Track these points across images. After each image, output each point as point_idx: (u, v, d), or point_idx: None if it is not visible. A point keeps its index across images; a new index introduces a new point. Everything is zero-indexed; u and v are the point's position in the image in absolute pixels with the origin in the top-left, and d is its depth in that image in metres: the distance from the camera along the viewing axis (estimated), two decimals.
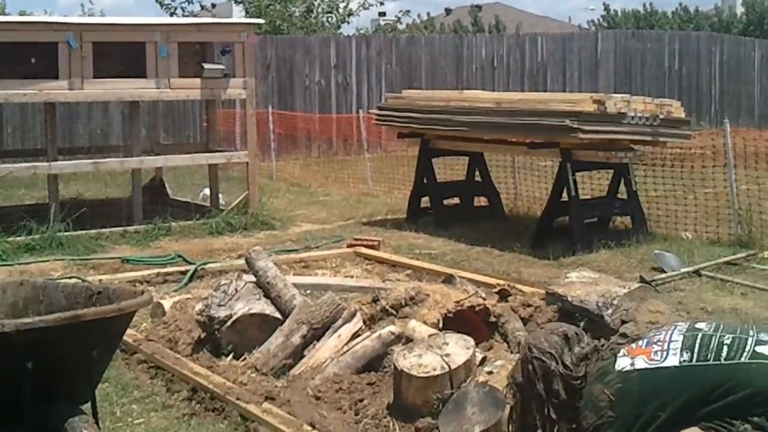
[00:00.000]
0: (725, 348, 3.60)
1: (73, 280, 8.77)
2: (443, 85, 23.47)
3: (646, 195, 12.20)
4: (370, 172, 16.62)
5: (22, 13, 31.92)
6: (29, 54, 11.93)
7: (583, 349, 3.97)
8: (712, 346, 3.63)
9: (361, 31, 30.42)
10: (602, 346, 3.99)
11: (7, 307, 5.28)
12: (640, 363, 3.71)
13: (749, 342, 3.62)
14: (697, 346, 3.65)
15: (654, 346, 3.75)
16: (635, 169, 11.61)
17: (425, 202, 12.96)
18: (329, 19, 29.24)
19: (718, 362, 3.57)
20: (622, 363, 3.75)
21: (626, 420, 3.61)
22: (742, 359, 3.56)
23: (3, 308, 5.26)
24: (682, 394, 3.57)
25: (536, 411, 3.98)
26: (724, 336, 3.67)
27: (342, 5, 29.19)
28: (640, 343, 3.84)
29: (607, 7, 53.57)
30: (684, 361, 3.62)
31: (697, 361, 3.61)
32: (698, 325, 3.82)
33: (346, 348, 6.06)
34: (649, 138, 10.88)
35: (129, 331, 6.18)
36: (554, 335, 4.02)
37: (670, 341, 3.73)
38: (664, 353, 3.68)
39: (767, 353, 3.57)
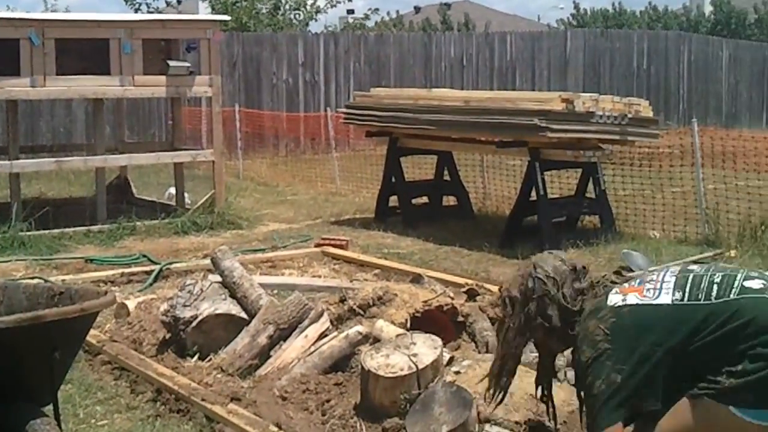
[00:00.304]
0: (715, 287, 3.70)
1: (35, 281, 8.73)
2: (412, 83, 23.48)
3: (615, 194, 12.26)
4: (338, 171, 16.60)
5: None
6: None
7: (582, 284, 4.05)
8: (703, 285, 3.72)
9: (330, 29, 30.33)
10: (597, 282, 4.07)
11: None
12: (632, 299, 3.81)
13: (738, 278, 3.72)
14: (688, 285, 3.74)
15: (647, 284, 3.85)
16: (604, 168, 11.67)
17: (393, 201, 12.96)
18: (297, 16, 29.21)
19: (709, 301, 3.66)
20: (614, 299, 3.85)
21: (623, 352, 3.69)
22: (731, 295, 3.65)
23: None
24: (675, 333, 3.66)
25: (521, 328, 4.09)
26: (714, 275, 3.76)
27: (310, 2, 29.15)
28: (632, 282, 3.94)
29: (576, 6, 53.79)
30: (676, 300, 3.72)
31: (689, 300, 3.70)
32: (690, 267, 3.93)
33: (313, 348, 6.05)
34: (617, 137, 10.94)
35: (92, 331, 6.14)
36: (563, 264, 4.11)
37: (663, 281, 3.82)
38: (657, 291, 3.78)
39: (755, 287, 3.67)
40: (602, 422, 3.71)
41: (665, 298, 3.73)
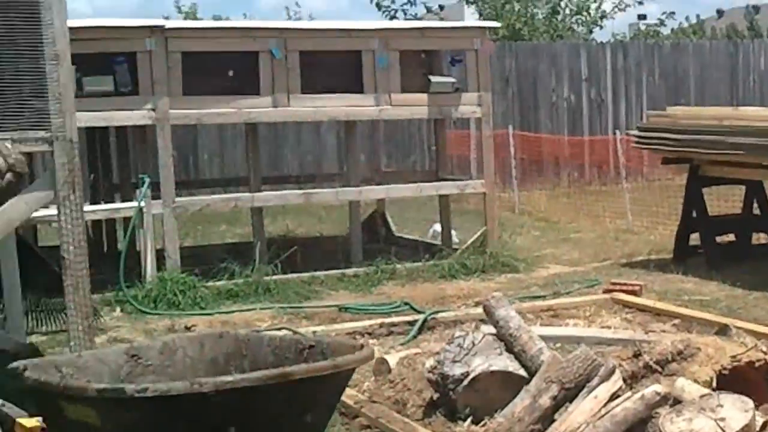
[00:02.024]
0: None
1: (282, 332, 8.91)
2: (715, 100, 22.93)
3: None
4: (629, 204, 16.32)
5: (216, 19, 32.97)
6: (226, 66, 11.95)
7: None
8: None
9: (618, 37, 30.07)
10: None
11: (207, 363, 5.37)
12: None
13: None
14: None
15: None
16: None
17: (695, 239, 12.67)
18: (578, 22, 29.03)
19: None
20: None
21: None
22: None
23: (202, 365, 5.36)
24: None
25: None
26: None
27: (594, 6, 28.94)
28: None
29: None
30: None
31: None
32: None
33: (603, 411, 5.91)
34: None
35: (349, 391, 6.16)
36: None
37: None
38: None
39: None
40: None
41: None
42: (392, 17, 27.69)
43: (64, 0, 6.23)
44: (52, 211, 6.84)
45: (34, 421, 4.71)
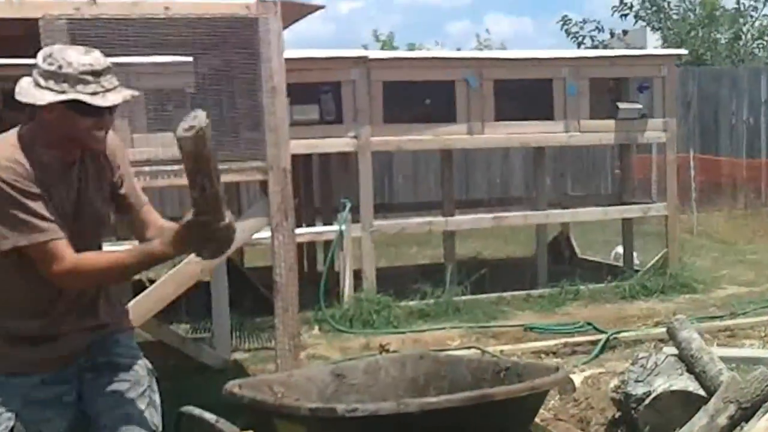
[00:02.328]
0: None
1: (472, 351, 9.00)
2: None
3: None
4: None
5: (411, 47, 33.28)
6: (423, 94, 12.19)
7: None
8: None
9: None
10: None
11: (407, 382, 5.44)
12: None
13: None
14: None
15: None
16: None
17: None
18: (760, 47, 28.39)
19: None
20: None
21: None
22: None
23: (403, 383, 5.43)
24: None
25: None
26: None
27: None
28: None
29: None
30: None
31: None
32: None
33: None
34: None
35: None
36: None
37: None
38: None
39: None
40: None
41: None
42: (580, 43, 27.57)
43: (282, 36, 6.38)
44: (260, 234, 7.04)
45: None
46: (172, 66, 6.69)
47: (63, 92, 3.81)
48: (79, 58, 3.84)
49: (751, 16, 28.07)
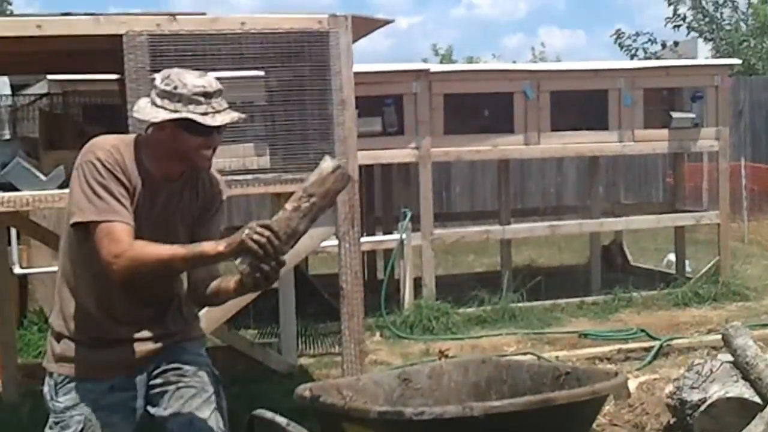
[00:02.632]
0: None
1: (528, 357, 9.05)
2: None
3: None
4: None
5: (469, 60, 33.34)
6: (482, 105, 12.26)
7: None
8: None
9: None
10: None
11: (470, 386, 5.52)
12: None
13: None
14: None
15: None
16: None
17: None
18: None
19: None
20: None
21: None
22: None
23: (465, 387, 5.50)
24: None
25: None
26: None
27: None
28: None
29: None
30: None
31: None
32: None
33: None
34: None
35: None
36: None
37: None
38: None
39: None
40: None
41: None
42: (633, 56, 27.53)
43: (352, 50, 6.49)
44: (326, 242, 7.10)
45: None
46: (244, 80, 6.81)
47: (176, 111, 3.98)
48: (194, 80, 4.02)
49: None
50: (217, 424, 4.27)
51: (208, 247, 3.92)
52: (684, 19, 27.68)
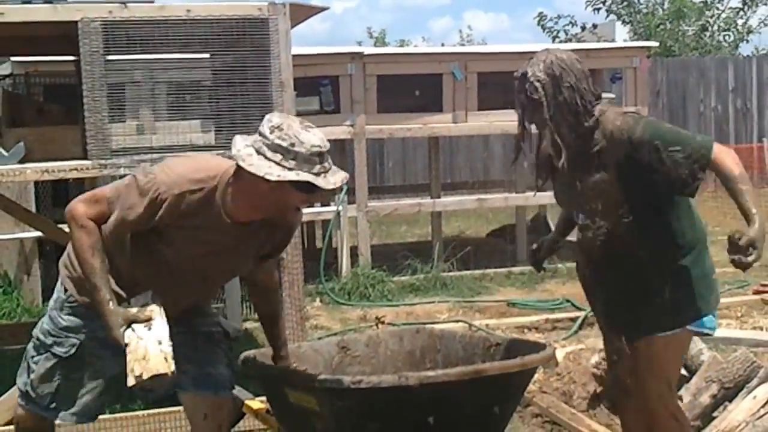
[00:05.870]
0: None
1: (460, 325, 9.08)
2: None
3: None
4: None
5: (401, 43, 33.35)
6: (413, 86, 12.31)
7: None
8: None
9: (762, 51, 29.24)
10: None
11: (405, 354, 5.51)
12: None
13: None
14: None
15: None
16: None
17: None
18: (726, 38, 28.44)
19: None
20: None
21: None
22: None
23: (401, 356, 5.50)
24: None
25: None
26: None
27: (740, 22, 28.31)
28: None
29: None
30: None
31: None
32: None
33: (762, 411, 5.86)
34: None
35: None
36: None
37: None
38: None
39: None
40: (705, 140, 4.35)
41: None
42: (554, 37, 27.60)
43: (290, 34, 6.53)
44: None
45: (259, 404, 4.96)
46: (191, 62, 6.87)
47: (291, 169, 3.77)
48: (310, 139, 3.82)
49: (717, 8, 28.17)
50: (229, 360, 4.51)
51: (104, 309, 3.98)
52: (604, 2, 27.79)
